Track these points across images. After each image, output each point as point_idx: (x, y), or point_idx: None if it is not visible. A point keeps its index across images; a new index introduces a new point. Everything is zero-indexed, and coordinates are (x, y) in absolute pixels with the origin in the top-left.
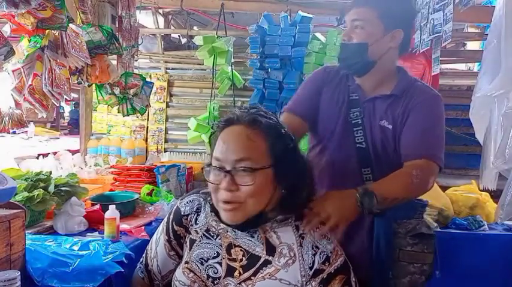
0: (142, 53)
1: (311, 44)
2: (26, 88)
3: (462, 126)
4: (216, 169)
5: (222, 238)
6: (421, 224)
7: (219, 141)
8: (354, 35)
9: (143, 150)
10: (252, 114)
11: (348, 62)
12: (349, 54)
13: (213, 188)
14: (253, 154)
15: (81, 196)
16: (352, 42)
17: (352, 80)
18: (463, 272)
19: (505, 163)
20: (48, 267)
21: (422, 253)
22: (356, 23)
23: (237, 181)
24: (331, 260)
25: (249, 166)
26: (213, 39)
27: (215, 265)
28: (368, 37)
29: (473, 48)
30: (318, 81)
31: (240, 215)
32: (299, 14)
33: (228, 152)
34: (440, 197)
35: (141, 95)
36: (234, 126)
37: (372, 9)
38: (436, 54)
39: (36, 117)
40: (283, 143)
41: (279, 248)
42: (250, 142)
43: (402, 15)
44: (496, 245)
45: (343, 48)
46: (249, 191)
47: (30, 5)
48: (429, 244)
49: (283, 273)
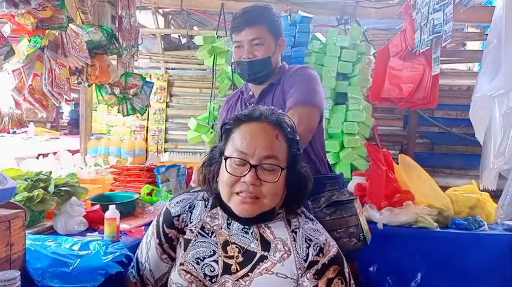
0: (142, 53)
1: (311, 44)
2: (26, 88)
3: (462, 126)
4: (240, 162)
5: (217, 235)
6: (335, 194)
7: (243, 135)
8: (256, 52)
9: (143, 150)
10: (277, 115)
11: (256, 76)
12: (257, 69)
13: (231, 181)
14: (279, 153)
15: (81, 196)
16: (257, 59)
17: (247, 92)
18: (463, 272)
19: (505, 163)
20: (48, 267)
21: (342, 219)
22: (255, 41)
23: (260, 176)
24: (324, 251)
25: (276, 164)
26: (213, 39)
27: (211, 263)
28: (267, 51)
29: (473, 48)
30: (222, 112)
31: (256, 208)
32: (299, 14)
33: (257, 146)
34: (440, 197)
35: (141, 95)
36: (258, 123)
37: (262, 26)
38: (436, 54)
39: (36, 117)
40: (297, 148)
41: (274, 243)
42: (278, 142)
43: (280, 25)
44: (496, 245)
45: (251, 66)
46: (270, 188)
47: (30, 5)
48: (347, 208)
49: (279, 267)
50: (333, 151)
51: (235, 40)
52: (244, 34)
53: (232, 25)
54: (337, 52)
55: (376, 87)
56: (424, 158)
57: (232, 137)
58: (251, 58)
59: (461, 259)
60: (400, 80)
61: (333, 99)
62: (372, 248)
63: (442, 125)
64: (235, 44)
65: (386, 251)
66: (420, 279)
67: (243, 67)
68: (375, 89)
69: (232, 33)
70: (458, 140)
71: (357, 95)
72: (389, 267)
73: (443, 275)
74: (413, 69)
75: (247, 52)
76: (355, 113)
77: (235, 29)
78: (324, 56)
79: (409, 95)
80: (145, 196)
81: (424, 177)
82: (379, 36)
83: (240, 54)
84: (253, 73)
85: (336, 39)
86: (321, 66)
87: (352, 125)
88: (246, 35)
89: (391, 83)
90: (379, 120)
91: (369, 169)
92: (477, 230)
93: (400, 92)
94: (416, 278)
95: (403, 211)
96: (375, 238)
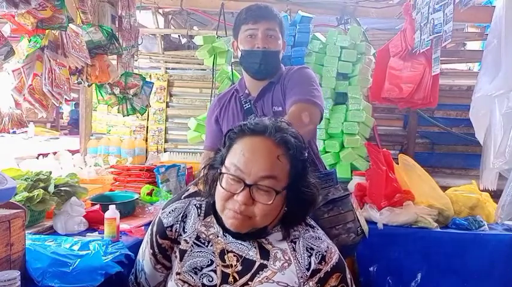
0: (142, 53)
1: (311, 44)
2: (26, 88)
3: (462, 126)
4: (235, 178)
5: (213, 244)
6: (331, 191)
7: (242, 150)
8: (270, 43)
9: (143, 150)
10: (283, 132)
11: (266, 67)
12: (269, 60)
13: (224, 196)
14: (279, 174)
15: (81, 196)
16: (271, 50)
17: (242, 89)
18: (463, 272)
19: (505, 163)
20: (48, 267)
21: (340, 215)
22: (270, 33)
23: (254, 196)
24: (326, 259)
25: (272, 186)
26: (213, 39)
27: (210, 273)
28: (278, 46)
29: (473, 48)
30: (212, 111)
31: (247, 226)
32: (299, 14)
33: (254, 166)
34: (440, 197)
35: (141, 95)
36: (261, 139)
37: (276, 23)
38: (436, 54)
39: (36, 117)
40: (302, 166)
41: (273, 251)
42: (278, 162)
43: (285, 29)
44: (496, 245)
45: (264, 55)
46: (263, 209)
47: (30, 5)
48: (344, 204)
49: (280, 276)
50: (333, 151)
51: (249, 28)
52: (261, 24)
53: (245, 16)
54: (337, 52)
55: (376, 87)
56: (424, 158)
57: (234, 149)
58: (266, 48)
59: (461, 259)
60: (400, 80)
61: (333, 99)
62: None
63: (442, 125)
64: (248, 32)
65: (386, 251)
66: (420, 279)
67: (255, 56)
68: (375, 89)
69: (244, 24)
70: (458, 140)
71: (357, 95)
72: (389, 267)
73: (443, 275)
74: (413, 69)
75: (262, 42)
76: (355, 113)
77: (250, 18)
78: (324, 56)
79: (409, 95)
80: (145, 196)
81: (424, 177)
82: (379, 36)
83: (253, 44)
84: (265, 63)
85: (336, 39)
86: (321, 66)
87: (352, 125)
88: (263, 25)
89: (391, 83)
90: (379, 120)
91: (369, 169)
92: (477, 230)
93: (400, 92)
94: (416, 278)
95: (403, 211)
96: (375, 238)
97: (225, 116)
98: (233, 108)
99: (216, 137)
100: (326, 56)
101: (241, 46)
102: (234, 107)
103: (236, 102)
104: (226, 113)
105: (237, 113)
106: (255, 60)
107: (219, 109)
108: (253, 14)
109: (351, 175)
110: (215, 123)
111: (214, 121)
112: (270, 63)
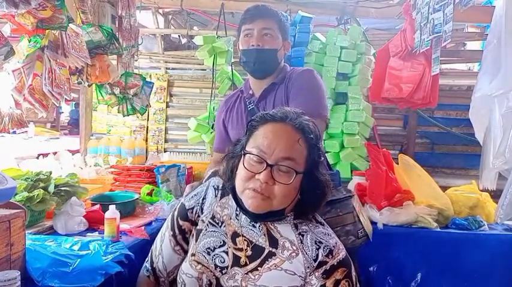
0: (142, 53)
1: (311, 44)
2: (26, 88)
3: (462, 126)
4: (258, 158)
5: (226, 225)
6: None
7: (265, 134)
8: (265, 42)
9: (143, 150)
10: (302, 120)
11: (261, 66)
12: (264, 58)
13: (246, 176)
14: (298, 157)
15: (81, 196)
16: (265, 48)
17: (247, 90)
18: (463, 272)
19: (505, 163)
20: (48, 267)
21: (338, 217)
22: (265, 31)
23: (275, 176)
24: (334, 253)
25: (292, 167)
26: (213, 39)
27: (221, 254)
28: (275, 44)
29: (473, 48)
30: (220, 114)
31: (265, 206)
32: (299, 14)
33: (276, 147)
34: (440, 197)
35: (141, 95)
36: (281, 124)
37: (274, 21)
38: (436, 54)
39: (36, 117)
40: (317, 155)
41: (281, 241)
42: (298, 146)
43: (287, 29)
44: (496, 245)
45: (258, 54)
46: (282, 190)
47: (30, 5)
48: (342, 206)
49: (287, 264)
50: (333, 151)
51: (246, 28)
52: (256, 23)
53: (244, 16)
54: (337, 52)
55: (376, 87)
56: (424, 158)
57: (256, 135)
58: (260, 46)
59: (461, 259)
60: (400, 80)
61: (333, 99)
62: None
63: (442, 125)
64: (245, 32)
65: (386, 251)
66: (420, 279)
67: (250, 55)
68: (374, 89)
69: (242, 25)
70: (458, 140)
71: (357, 95)
72: (389, 267)
73: (443, 275)
74: (413, 69)
75: (257, 40)
76: (355, 113)
77: (247, 19)
78: (324, 56)
79: (409, 95)
80: (145, 196)
81: (424, 177)
82: (379, 36)
83: (249, 43)
84: (260, 62)
85: (336, 39)
86: (321, 66)
87: (352, 125)
88: (258, 24)
89: (391, 83)
90: (379, 120)
91: (369, 169)
92: (477, 230)
93: (400, 92)
94: (416, 278)
95: (403, 211)
96: (375, 238)
97: (230, 117)
98: (238, 110)
99: (225, 140)
100: (326, 56)
101: (240, 46)
102: (239, 108)
103: (241, 103)
104: (232, 114)
105: (241, 114)
106: (250, 59)
107: (225, 111)
108: (250, 14)
109: (351, 175)
110: (223, 125)
111: (221, 124)
112: (265, 62)
